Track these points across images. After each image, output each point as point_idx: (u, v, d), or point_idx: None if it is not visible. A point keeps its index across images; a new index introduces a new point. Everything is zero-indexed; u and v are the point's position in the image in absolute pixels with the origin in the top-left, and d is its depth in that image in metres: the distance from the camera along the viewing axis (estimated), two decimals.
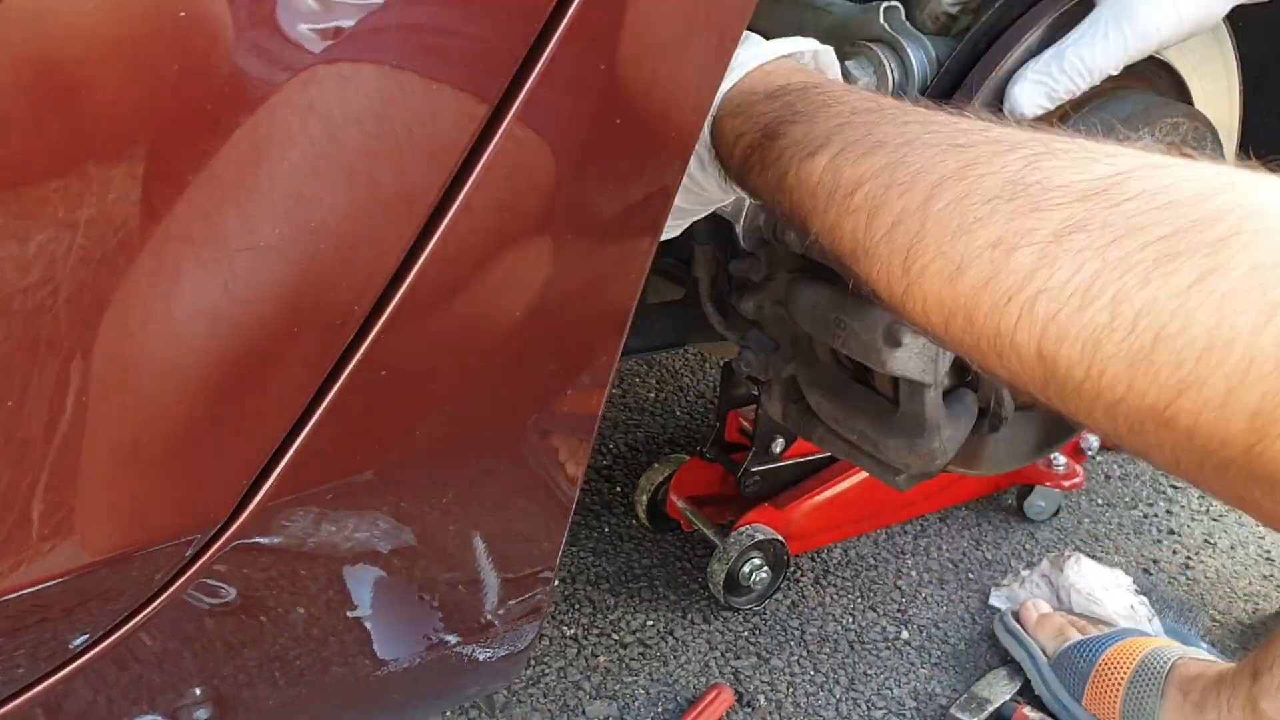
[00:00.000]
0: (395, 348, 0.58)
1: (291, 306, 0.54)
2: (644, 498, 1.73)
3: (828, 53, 0.85)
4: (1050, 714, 1.43)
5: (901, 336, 0.99)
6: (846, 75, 1.02)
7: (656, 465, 1.73)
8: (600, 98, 0.64)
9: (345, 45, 0.55)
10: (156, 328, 0.52)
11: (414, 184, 0.59)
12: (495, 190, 0.62)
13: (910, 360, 1.00)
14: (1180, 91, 1.18)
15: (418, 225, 0.58)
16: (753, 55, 0.79)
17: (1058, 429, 1.33)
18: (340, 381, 0.57)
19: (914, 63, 1.04)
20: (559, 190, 0.65)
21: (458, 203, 0.60)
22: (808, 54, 0.84)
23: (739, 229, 1.10)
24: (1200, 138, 1.11)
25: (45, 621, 0.57)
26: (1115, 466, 2.06)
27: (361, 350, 0.57)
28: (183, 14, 0.50)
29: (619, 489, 1.85)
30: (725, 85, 0.77)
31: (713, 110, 0.75)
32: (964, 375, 1.10)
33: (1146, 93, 1.13)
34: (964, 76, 1.04)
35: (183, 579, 0.59)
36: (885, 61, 1.04)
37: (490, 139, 0.61)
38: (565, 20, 0.59)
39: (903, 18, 1.05)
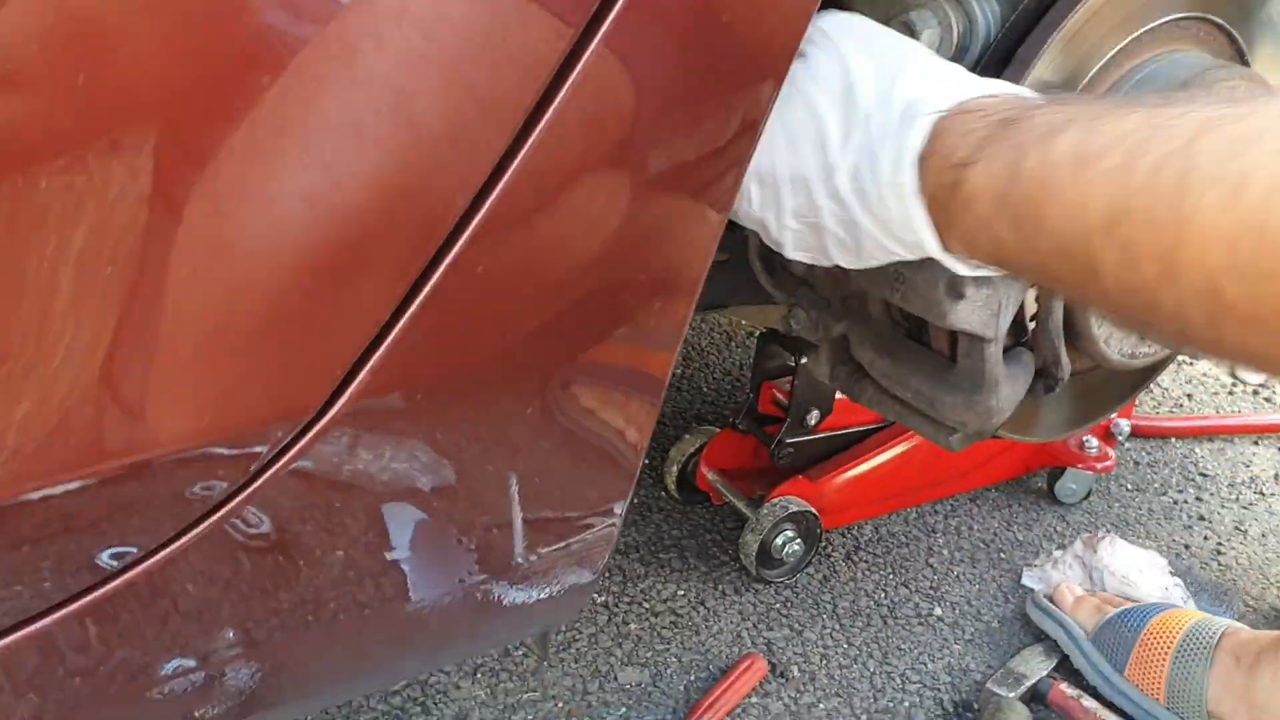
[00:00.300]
0: (492, 245, 0.57)
1: (393, 192, 0.53)
2: (674, 469, 1.71)
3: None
4: (1089, 688, 1.42)
5: (964, 289, 0.97)
6: (909, 25, 1.01)
7: (687, 436, 1.72)
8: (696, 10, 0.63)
9: None
10: (254, 204, 0.51)
11: (509, 88, 0.58)
12: (590, 100, 0.61)
13: (973, 313, 0.99)
14: (1237, 54, 1.17)
15: (515, 124, 0.57)
16: (974, 85, 0.72)
17: (1098, 401, 1.31)
18: (440, 271, 0.55)
19: (980, 16, 1.03)
20: (651, 109, 0.64)
21: (551, 110, 0.59)
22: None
23: None
24: None
25: (191, 491, 0.56)
26: (1144, 453, 2.05)
27: (463, 239, 0.55)
28: None
29: (647, 460, 1.84)
30: (945, 102, 0.68)
31: (931, 122, 0.67)
32: (1020, 335, 1.09)
33: (1202, 54, 1.12)
34: (1029, 32, 1.03)
35: (273, 469, 0.58)
36: (950, 14, 1.02)
37: (586, 48, 0.60)
38: None
39: None
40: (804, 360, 1.42)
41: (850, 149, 0.70)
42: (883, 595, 1.62)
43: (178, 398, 0.53)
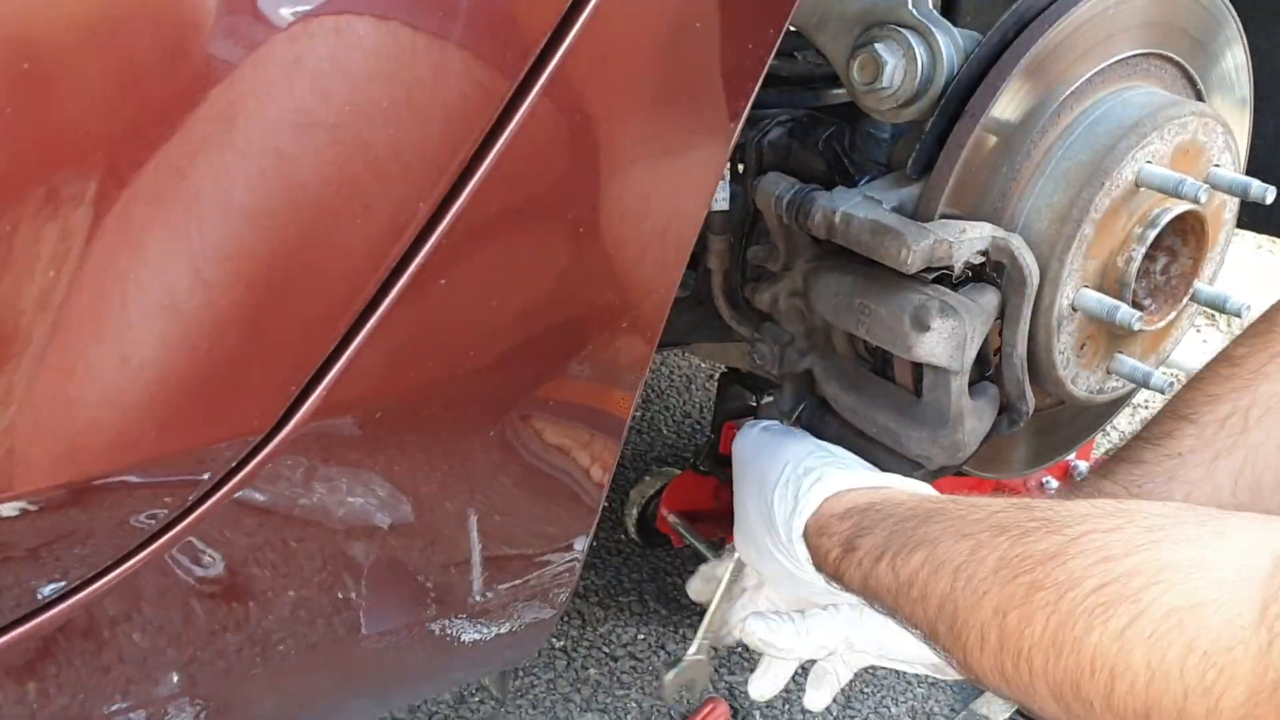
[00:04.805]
0: (455, 256, 0.55)
1: (356, 192, 0.51)
2: (634, 511, 1.68)
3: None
4: None
5: (929, 321, 0.96)
6: (876, 57, 1.01)
7: (647, 478, 1.69)
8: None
9: None
10: (200, 214, 0.48)
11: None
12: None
13: (938, 346, 0.98)
14: (1191, 86, 1.17)
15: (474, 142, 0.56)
16: (823, 491, 0.98)
17: (1064, 438, 1.31)
18: (399, 285, 0.53)
19: (943, 50, 1.03)
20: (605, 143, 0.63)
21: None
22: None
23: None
24: (1210, 132, 1.10)
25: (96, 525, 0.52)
26: None
27: (423, 252, 0.53)
28: None
29: (606, 503, 1.81)
30: (807, 512, 0.98)
31: (801, 528, 0.98)
32: (985, 369, 1.08)
33: (1154, 90, 1.12)
34: (991, 65, 1.03)
35: (215, 498, 0.55)
36: (914, 46, 1.02)
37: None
38: None
39: (930, 5, 1.04)
40: (766, 399, 1.41)
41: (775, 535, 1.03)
42: None
43: (117, 416, 0.50)
